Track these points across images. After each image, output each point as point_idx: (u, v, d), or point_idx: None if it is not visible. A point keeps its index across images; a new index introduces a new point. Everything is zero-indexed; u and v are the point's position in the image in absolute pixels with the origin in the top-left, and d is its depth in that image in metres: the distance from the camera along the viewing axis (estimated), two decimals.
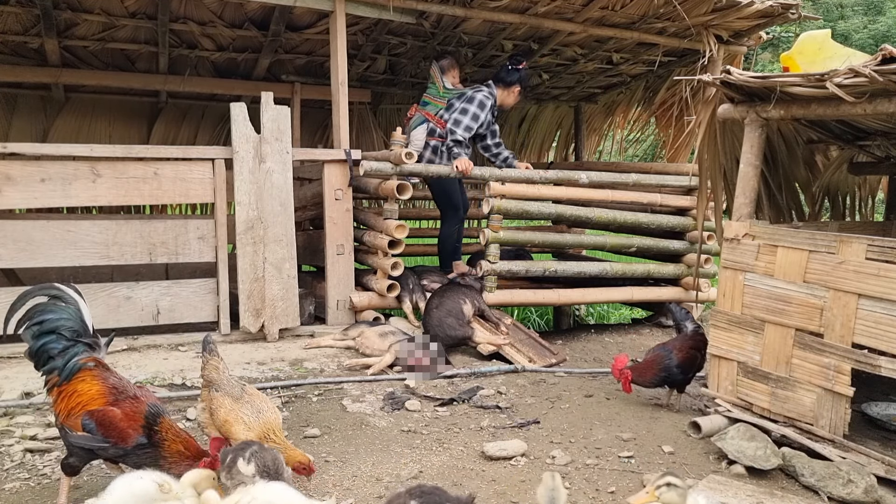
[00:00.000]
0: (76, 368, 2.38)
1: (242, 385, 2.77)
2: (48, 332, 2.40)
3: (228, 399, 2.65)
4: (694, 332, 3.90)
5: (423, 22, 5.72)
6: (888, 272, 2.70)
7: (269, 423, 2.64)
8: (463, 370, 4.26)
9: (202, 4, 5.58)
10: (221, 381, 2.72)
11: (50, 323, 2.41)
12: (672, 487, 1.98)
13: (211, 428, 2.67)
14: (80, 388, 2.36)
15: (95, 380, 2.38)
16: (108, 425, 2.28)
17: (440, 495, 2.05)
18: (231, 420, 2.58)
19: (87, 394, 2.34)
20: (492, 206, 4.98)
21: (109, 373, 2.46)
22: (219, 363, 2.77)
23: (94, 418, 2.28)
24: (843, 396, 2.87)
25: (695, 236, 5.63)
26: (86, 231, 4.32)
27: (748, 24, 5.59)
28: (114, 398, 2.35)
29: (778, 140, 3.85)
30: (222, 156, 4.59)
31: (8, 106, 6.52)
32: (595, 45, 6.48)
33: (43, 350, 2.40)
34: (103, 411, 2.30)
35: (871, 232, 3.53)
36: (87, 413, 2.29)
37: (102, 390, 2.36)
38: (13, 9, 5.31)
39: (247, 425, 2.59)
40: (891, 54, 2.53)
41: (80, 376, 2.38)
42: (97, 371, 2.42)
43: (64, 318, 2.44)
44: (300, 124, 6.82)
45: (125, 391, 2.39)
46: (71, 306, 2.48)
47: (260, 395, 2.76)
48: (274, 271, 4.65)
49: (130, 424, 2.29)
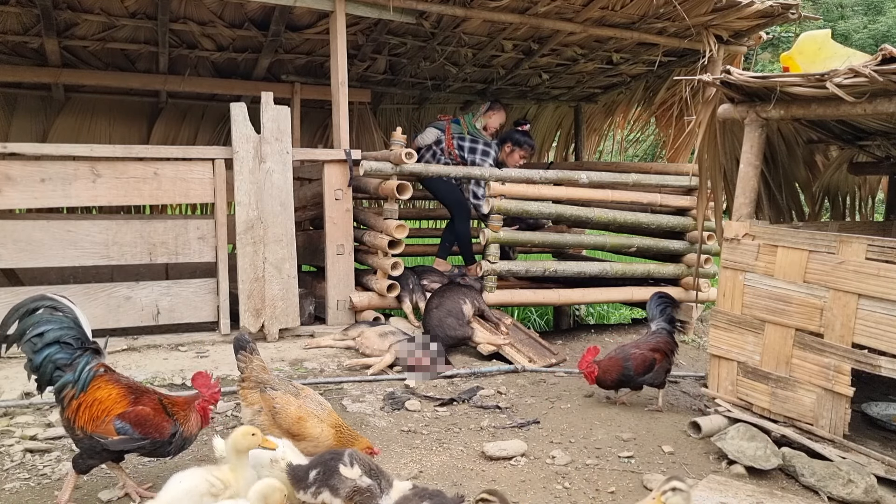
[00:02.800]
0: (90, 378, 2.36)
1: (289, 380, 2.75)
2: (51, 344, 2.34)
3: (292, 397, 2.62)
4: (656, 332, 3.85)
5: (423, 22, 5.72)
6: (888, 272, 2.70)
7: (334, 414, 2.63)
8: (463, 370, 4.26)
9: (202, 4, 5.57)
10: (273, 380, 2.67)
11: (51, 333, 2.36)
12: (678, 492, 1.96)
13: (272, 430, 2.57)
14: (98, 395, 2.35)
15: (111, 384, 2.39)
16: (143, 423, 2.32)
17: (440, 498, 2.05)
18: (304, 416, 2.56)
19: (109, 399, 2.35)
20: (492, 206, 4.98)
21: (118, 374, 2.48)
22: (262, 362, 2.72)
23: (128, 420, 2.31)
24: (843, 396, 2.87)
25: (695, 236, 5.63)
26: (86, 231, 4.32)
27: (748, 24, 5.59)
28: (134, 398, 2.38)
29: (778, 140, 3.85)
30: (222, 156, 4.59)
31: (8, 106, 6.52)
32: (595, 45, 6.48)
33: (48, 362, 2.33)
34: (134, 412, 2.33)
35: (871, 232, 3.53)
36: (117, 417, 2.31)
37: (122, 392, 2.38)
38: (13, 9, 5.31)
39: (319, 419, 2.57)
40: (891, 54, 2.53)
41: (95, 384, 2.37)
42: (108, 376, 2.43)
43: (65, 326, 2.39)
44: (300, 124, 6.82)
45: (139, 389, 2.44)
46: (68, 315, 2.43)
47: (307, 388, 2.74)
48: (274, 271, 4.65)
49: (162, 417, 2.36)
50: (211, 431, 3.21)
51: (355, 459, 2.20)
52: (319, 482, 2.15)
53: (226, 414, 3.43)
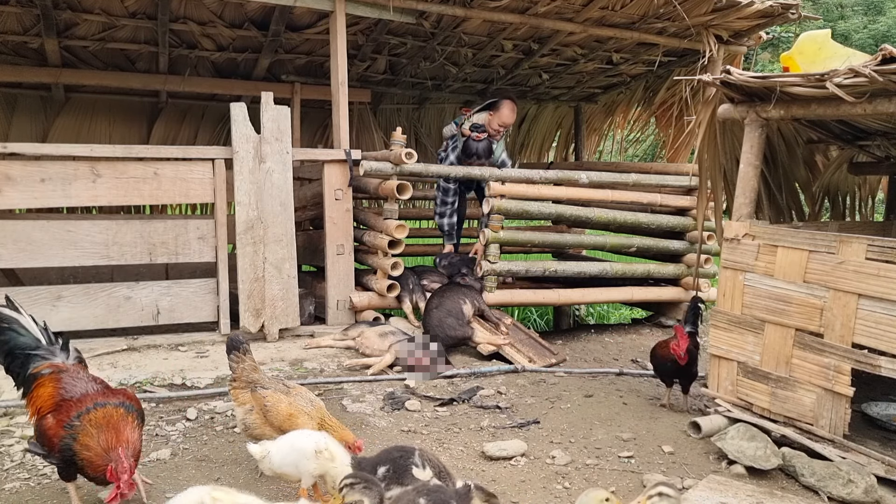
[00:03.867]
0: (33, 379, 2.46)
1: (279, 379, 2.81)
2: (7, 354, 2.52)
3: (282, 395, 2.67)
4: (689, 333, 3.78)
5: (423, 22, 5.72)
6: (888, 272, 2.70)
7: (321, 408, 2.69)
8: (463, 370, 4.26)
9: (202, 4, 5.57)
10: (264, 379, 2.74)
11: (4, 345, 2.52)
12: (664, 497, 1.93)
13: (264, 428, 2.65)
14: (37, 393, 2.42)
15: (50, 384, 2.41)
16: (40, 434, 2.30)
17: (444, 493, 2.05)
18: (295, 413, 2.62)
19: (41, 398, 2.38)
20: (492, 206, 4.98)
21: (66, 374, 2.45)
22: (254, 361, 2.79)
23: (36, 428, 2.33)
24: (843, 396, 2.87)
25: (695, 236, 5.63)
26: (86, 231, 4.32)
27: (748, 24, 5.59)
28: (60, 399, 2.34)
29: (778, 140, 3.85)
30: (222, 156, 4.59)
31: (8, 106, 6.52)
32: (595, 45, 6.48)
33: (10, 369, 2.54)
34: (39, 421, 2.32)
35: (871, 232, 3.53)
36: (37, 419, 2.35)
37: (52, 393, 2.38)
38: (13, 9, 5.31)
39: (308, 415, 2.63)
40: (891, 54, 2.53)
41: (39, 383, 2.43)
42: (52, 375, 2.45)
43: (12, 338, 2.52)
44: (300, 124, 6.82)
45: (74, 392, 2.36)
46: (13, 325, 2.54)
47: (297, 385, 2.80)
48: (274, 271, 4.65)
49: (57, 432, 2.23)
50: (212, 432, 3.22)
51: (426, 460, 2.22)
52: (390, 479, 2.16)
53: (225, 414, 3.43)
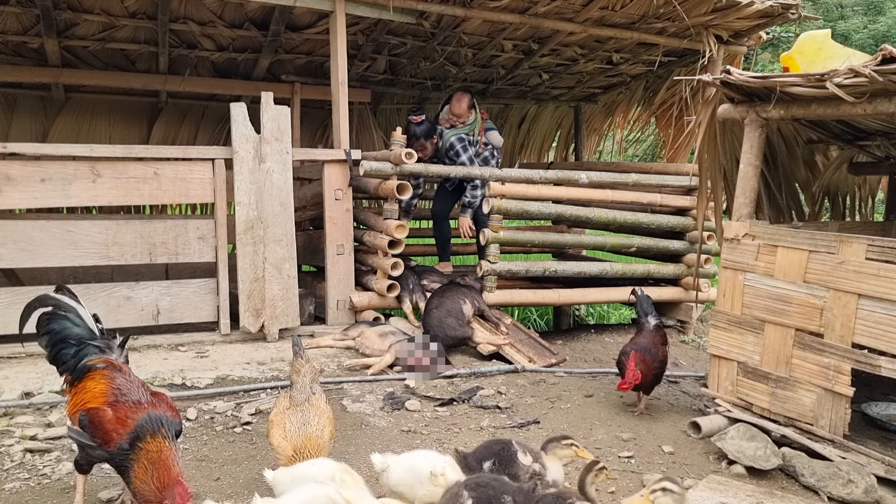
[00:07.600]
0: (86, 369, 2.45)
1: (312, 393, 2.69)
2: (59, 342, 2.51)
3: (286, 402, 2.65)
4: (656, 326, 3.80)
5: (423, 22, 5.72)
6: (888, 272, 2.70)
7: (310, 438, 2.50)
8: (463, 370, 4.26)
9: (202, 4, 5.57)
10: (296, 383, 2.75)
11: (57, 334, 2.52)
12: (668, 493, 1.94)
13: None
14: (87, 385, 2.41)
15: (103, 380, 2.41)
16: (96, 425, 2.28)
17: (497, 486, 2.05)
18: (274, 422, 2.58)
19: (91, 391, 2.37)
20: (492, 206, 4.98)
21: (120, 374, 2.46)
22: (302, 365, 2.79)
23: (89, 416, 2.30)
24: (843, 396, 2.87)
25: (695, 236, 5.63)
26: (86, 231, 4.32)
27: (748, 24, 5.59)
28: (114, 399, 2.35)
29: (778, 140, 3.85)
30: (222, 156, 4.59)
31: (8, 106, 6.52)
32: (595, 45, 6.48)
33: (57, 357, 2.52)
34: (96, 410, 2.31)
35: (871, 232, 3.53)
36: (83, 410, 2.32)
37: (105, 390, 2.37)
38: (13, 9, 5.31)
39: (284, 432, 2.52)
40: (891, 54, 2.53)
41: (90, 375, 2.43)
42: (107, 371, 2.44)
43: (67, 326, 2.53)
44: (300, 124, 6.81)
45: (129, 394, 2.38)
46: (70, 314, 2.56)
47: (321, 408, 2.64)
48: (274, 271, 4.65)
49: (116, 428, 2.25)
50: (212, 432, 3.22)
51: (525, 447, 2.43)
52: (498, 471, 2.31)
53: (225, 414, 3.43)
